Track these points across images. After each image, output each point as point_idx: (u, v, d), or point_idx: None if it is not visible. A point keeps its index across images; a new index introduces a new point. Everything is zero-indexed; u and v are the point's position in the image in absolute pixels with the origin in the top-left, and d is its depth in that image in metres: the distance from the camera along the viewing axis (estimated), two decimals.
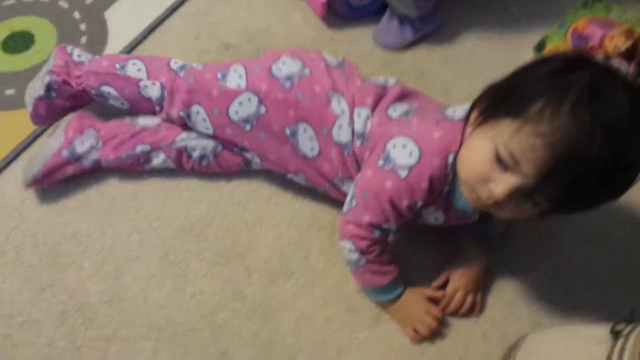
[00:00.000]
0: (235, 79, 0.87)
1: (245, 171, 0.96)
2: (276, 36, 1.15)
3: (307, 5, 1.18)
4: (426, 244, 0.91)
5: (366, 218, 0.79)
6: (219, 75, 0.89)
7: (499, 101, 0.70)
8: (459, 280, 0.86)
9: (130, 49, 1.13)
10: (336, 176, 0.87)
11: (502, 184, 0.67)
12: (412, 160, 0.76)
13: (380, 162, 0.78)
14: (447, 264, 0.88)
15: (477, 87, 0.81)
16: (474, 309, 0.86)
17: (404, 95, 0.87)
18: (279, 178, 0.95)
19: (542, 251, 0.92)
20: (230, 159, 0.93)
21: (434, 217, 0.82)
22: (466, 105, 0.77)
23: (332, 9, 1.15)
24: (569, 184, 0.64)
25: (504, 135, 0.67)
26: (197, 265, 0.90)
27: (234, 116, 0.88)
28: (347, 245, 0.81)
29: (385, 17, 1.13)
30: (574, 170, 0.63)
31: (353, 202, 0.81)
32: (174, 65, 0.93)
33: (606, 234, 0.94)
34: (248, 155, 0.92)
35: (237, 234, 0.93)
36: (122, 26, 1.15)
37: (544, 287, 0.89)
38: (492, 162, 0.68)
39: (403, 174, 0.76)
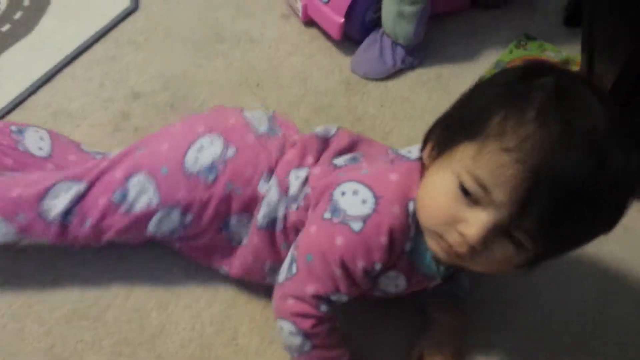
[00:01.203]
0: (142, 196, 0.69)
1: None
2: (195, 82, 1.02)
3: (229, 50, 1.07)
4: (385, 316, 0.77)
5: (310, 289, 0.63)
6: (117, 198, 0.68)
7: (452, 127, 0.59)
8: (434, 356, 0.71)
9: (20, 100, 0.97)
10: (265, 265, 0.72)
11: (475, 222, 0.54)
12: (367, 209, 0.61)
13: (327, 215, 0.63)
14: (414, 338, 0.74)
15: (418, 131, 0.71)
16: None
17: (349, 145, 0.73)
18: None
19: (512, 305, 0.80)
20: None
21: (394, 284, 0.67)
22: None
23: (346, 33, 1.06)
24: (552, 207, 0.51)
25: (465, 161, 0.55)
26: (93, 359, 0.71)
27: (155, 231, 0.71)
28: (287, 326, 0.65)
29: (363, 46, 1.06)
30: (556, 189, 0.51)
31: (293, 268, 0.65)
32: (52, 215, 0.68)
33: (578, 281, 0.83)
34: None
35: (146, 315, 0.75)
36: (12, 77, 0.99)
37: (522, 347, 0.76)
38: (457, 198, 0.56)
39: (357, 226, 0.61)
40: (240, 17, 1.12)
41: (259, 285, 0.76)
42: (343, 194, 0.63)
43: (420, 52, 1.08)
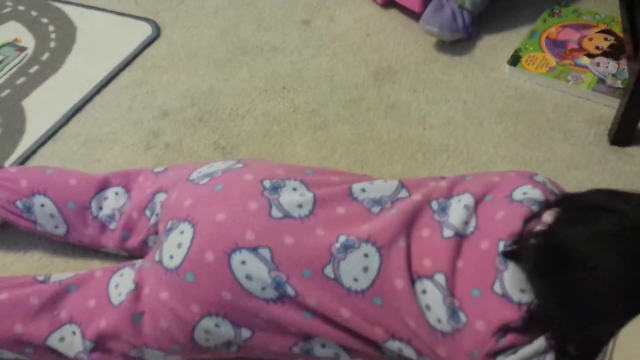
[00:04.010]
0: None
1: None
2: (222, 94, 1.01)
3: (252, 60, 1.06)
4: None
5: None
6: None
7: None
8: None
9: (52, 132, 0.97)
10: None
11: None
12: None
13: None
14: None
15: (456, 112, 0.64)
16: None
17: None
18: None
19: None
20: None
21: None
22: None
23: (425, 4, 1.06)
24: None
25: None
26: None
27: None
28: None
29: (434, 5, 1.04)
30: None
31: None
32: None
33: None
34: None
35: None
36: (42, 111, 1.00)
37: None
38: None
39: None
40: (261, 30, 1.12)
41: None
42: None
43: (479, 22, 1.06)
